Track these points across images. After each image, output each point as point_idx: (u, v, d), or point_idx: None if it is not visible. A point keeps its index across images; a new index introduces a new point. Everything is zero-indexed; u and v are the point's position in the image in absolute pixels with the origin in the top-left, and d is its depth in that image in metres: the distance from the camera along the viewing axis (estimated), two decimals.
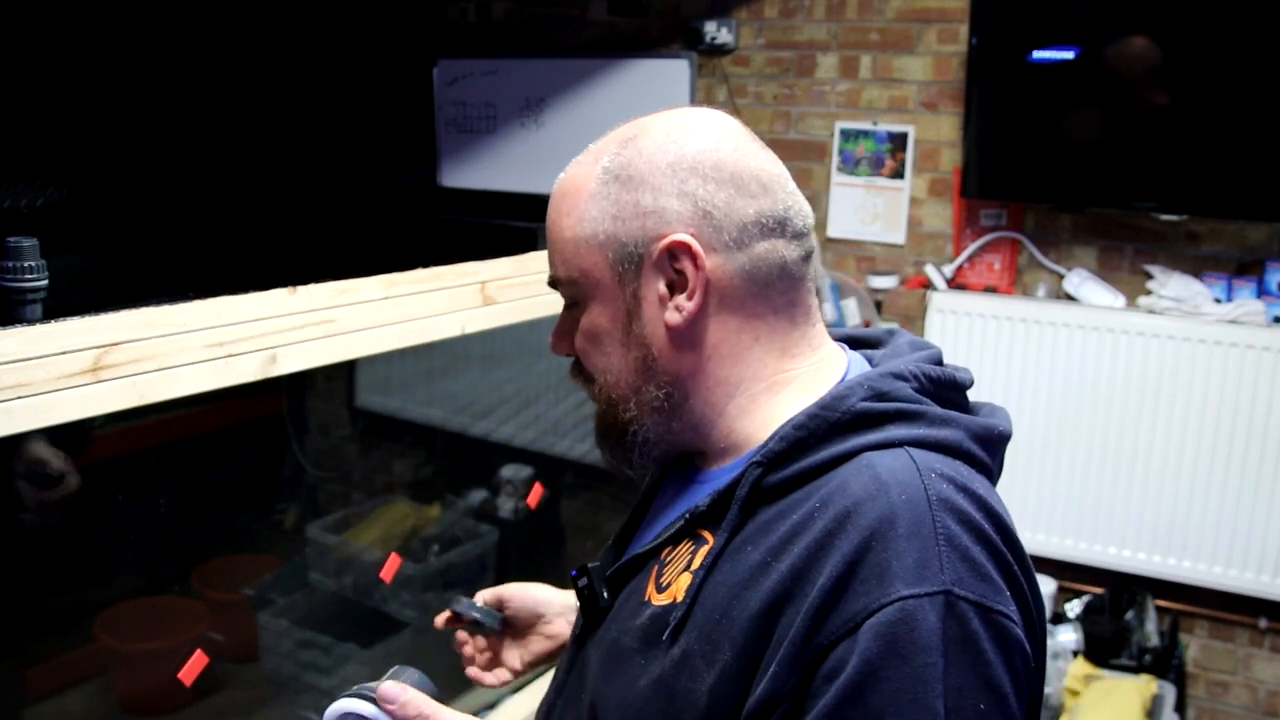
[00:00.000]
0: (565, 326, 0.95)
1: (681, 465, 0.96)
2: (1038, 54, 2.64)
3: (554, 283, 0.94)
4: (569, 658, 1.00)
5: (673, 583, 0.86)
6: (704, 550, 0.85)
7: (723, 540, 0.83)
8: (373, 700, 0.85)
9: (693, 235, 0.85)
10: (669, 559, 0.88)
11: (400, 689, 0.86)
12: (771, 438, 0.83)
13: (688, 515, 0.87)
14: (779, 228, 0.86)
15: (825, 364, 0.90)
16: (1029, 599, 0.80)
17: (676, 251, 0.85)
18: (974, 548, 0.76)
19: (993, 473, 0.87)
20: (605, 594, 0.94)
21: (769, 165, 0.88)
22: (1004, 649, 0.74)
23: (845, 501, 0.77)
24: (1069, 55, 2.62)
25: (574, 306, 0.92)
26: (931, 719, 0.71)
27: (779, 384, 0.88)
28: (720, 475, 0.90)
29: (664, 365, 0.88)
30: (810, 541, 0.76)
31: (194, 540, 2.19)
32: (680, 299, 0.86)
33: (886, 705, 0.71)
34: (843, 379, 0.88)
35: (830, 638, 0.73)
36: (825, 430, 0.82)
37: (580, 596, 0.95)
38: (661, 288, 0.87)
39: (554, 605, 1.21)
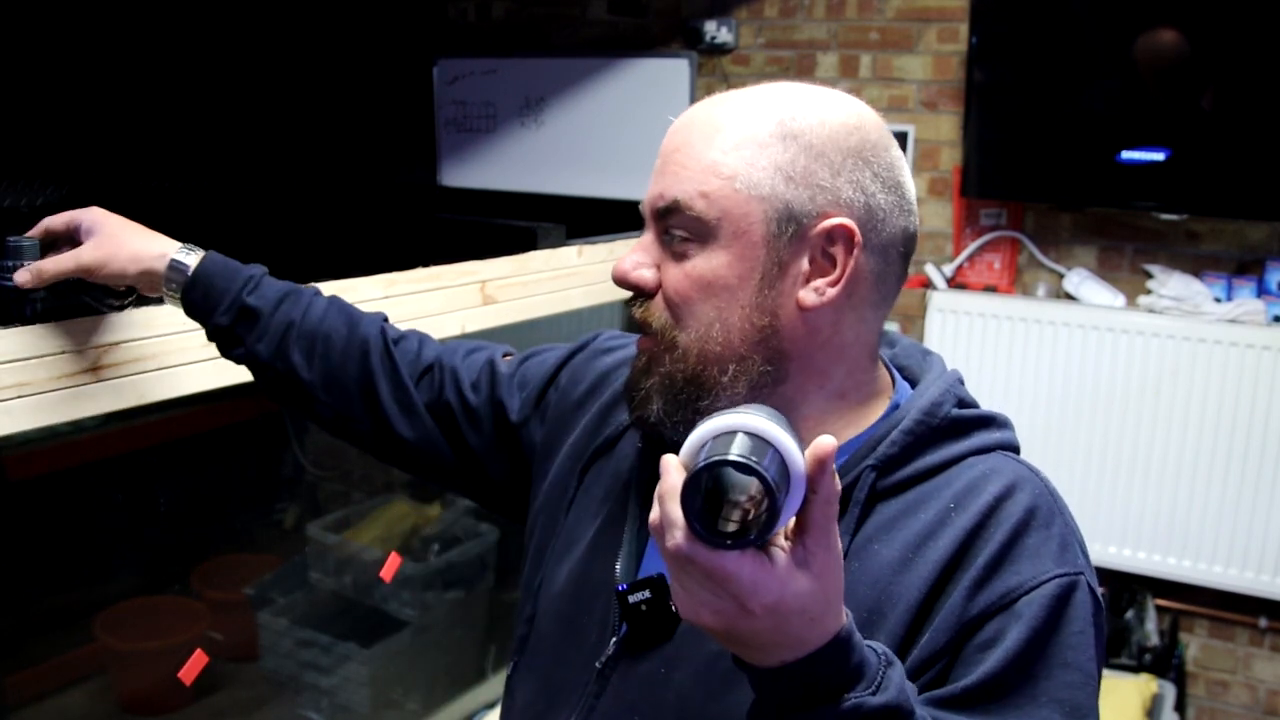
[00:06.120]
0: (653, 255, 0.89)
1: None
2: (1038, 54, 2.64)
3: (668, 210, 0.86)
4: (589, 682, 0.92)
5: None
6: None
7: (846, 541, 0.83)
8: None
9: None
10: None
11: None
12: (881, 441, 0.86)
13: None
14: (909, 246, 0.90)
15: (883, 371, 0.94)
16: None
17: (835, 235, 0.85)
18: (1082, 545, 0.85)
19: None
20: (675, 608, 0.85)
21: (912, 182, 0.92)
22: (1100, 641, 0.82)
23: (985, 499, 0.83)
24: (1069, 54, 2.62)
25: (686, 241, 0.86)
26: (1085, 680, 0.78)
27: (864, 389, 0.91)
28: None
29: (780, 341, 0.86)
30: (958, 534, 0.81)
31: (194, 540, 2.19)
32: (821, 282, 0.86)
33: (1041, 671, 0.77)
34: (895, 387, 0.93)
35: (986, 610, 0.78)
36: (929, 435, 0.87)
37: (634, 613, 0.87)
38: (805, 264, 0.85)
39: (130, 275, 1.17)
